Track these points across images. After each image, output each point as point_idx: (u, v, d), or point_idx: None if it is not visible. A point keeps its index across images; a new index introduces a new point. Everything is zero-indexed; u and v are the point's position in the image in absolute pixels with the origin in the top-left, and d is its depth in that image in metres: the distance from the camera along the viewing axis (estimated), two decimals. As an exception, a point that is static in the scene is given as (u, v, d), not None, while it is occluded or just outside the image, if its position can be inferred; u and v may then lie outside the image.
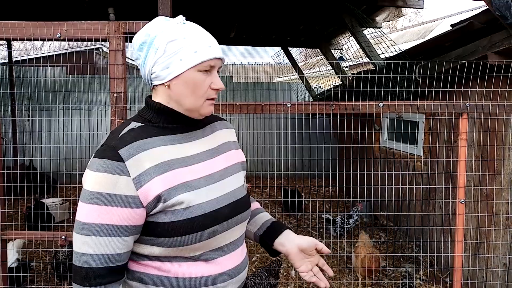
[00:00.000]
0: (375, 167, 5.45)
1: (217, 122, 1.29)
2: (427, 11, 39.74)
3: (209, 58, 1.08)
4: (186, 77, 1.08)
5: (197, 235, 1.05)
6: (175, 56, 1.07)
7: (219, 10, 5.09)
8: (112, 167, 1.00)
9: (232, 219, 1.13)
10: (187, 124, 1.16)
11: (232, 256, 1.16)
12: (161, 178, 1.03)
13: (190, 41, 1.07)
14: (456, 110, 2.41)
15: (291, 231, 1.31)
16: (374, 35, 4.82)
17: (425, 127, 4.33)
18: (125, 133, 1.08)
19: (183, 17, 1.13)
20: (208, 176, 1.13)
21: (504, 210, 3.18)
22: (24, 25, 2.20)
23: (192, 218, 1.04)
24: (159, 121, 1.13)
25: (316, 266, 1.28)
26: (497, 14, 2.60)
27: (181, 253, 1.07)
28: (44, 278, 3.71)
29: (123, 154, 1.01)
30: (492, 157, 3.19)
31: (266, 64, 10.73)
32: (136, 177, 1.01)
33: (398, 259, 4.22)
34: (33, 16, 5.07)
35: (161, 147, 1.08)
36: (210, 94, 1.12)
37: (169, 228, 1.03)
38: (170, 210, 1.03)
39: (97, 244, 0.99)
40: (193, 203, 1.05)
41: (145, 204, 1.02)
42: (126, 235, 1.01)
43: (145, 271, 1.09)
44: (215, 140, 1.23)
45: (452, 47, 3.59)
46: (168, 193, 1.03)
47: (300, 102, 2.45)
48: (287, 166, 8.12)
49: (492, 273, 3.26)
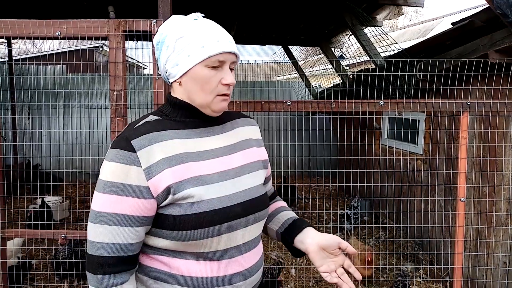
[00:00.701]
0: (375, 165, 5.45)
1: (240, 119, 1.27)
2: (428, 9, 39.69)
3: (216, 53, 1.05)
4: (195, 73, 1.07)
5: (205, 231, 1.03)
6: (183, 52, 1.07)
7: (219, 9, 5.07)
8: (124, 157, 1.01)
9: (245, 218, 1.10)
10: (205, 120, 1.15)
11: (244, 258, 1.12)
12: (172, 170, 1.03)
13: (198, 36, 1.06)
14: (456, 108, 2.41)
15: (313, 229, 1.24)
16: (375, 33, 4.81)
17: (426, 126, 4.33)
18: (140, 125, 1.09)
19: (198, 14, 1.13)
20: (222, 172, 1.11)
21: (504, 208, 3.17)
22: (23, 23, 2.20)
23: (201, 213, 1.02)
24: (176, 115, 1.13)
25: (342, 267, 1.18)
26: (498, 12, 2.59)
27: (189, 248, 1.05)
28: (44, 277, 3.71)
29: (135, 144, 1.02)
30: (493, 156, 3.19)
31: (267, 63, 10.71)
32: (147, 168, 1.01)
33: (399, 258, 4.22)
34: (33, 14, 5.04)
35: (175, 139, 1.08)
36: (220, 90, 1.09)
37: (177, 221, 1.02)
38: (180, 203, 1.03)
39: (108, 233, 1.00)
40: (204, 197, 1.04)
41: (155, 195, 1.02)
42: (137, 225, 1.02)
43: (154, 266, 1.09)
44: (235, 136, 1.20)
45: (452, 45, 3.58)
46: (178, 185, 1.02)
47: (300, 101, 2.44)
48: (288, 165, 8.12)
49: (493, 271, 3.26)
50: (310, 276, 3.85)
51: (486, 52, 2.97)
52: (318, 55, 7.85)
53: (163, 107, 1.17)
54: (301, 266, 4.07)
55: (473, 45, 3.18)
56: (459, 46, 3.41)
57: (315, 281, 3.75)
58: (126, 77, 2.27)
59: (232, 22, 5.90)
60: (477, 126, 3.34)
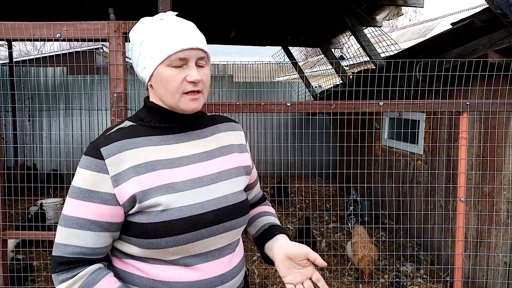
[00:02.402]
0: (375, 166, 5.45)
1: (223, 124, 1.24)
2: (428, 10, 39.71)
3: (175, 51, 1.03)
4: (158, 74, 1.06)
5: (173, 239, 1.02)
6: (147, 54, 1.06)
7: (219, 10, 5.08)
8: (92, 164, 1.02)
9: (218, 225, 1.07)
10: (183, 125, 1.14)
11: (217, 264, 1.10)
12: (140, 178, 1.03)
13: (158, 37, 1.04)
14: (456, 108, 2.41)
15: (284, 236, 1.18)
16: (374, 34, 4.82)
17: (426, 126, 4.33)
18: (113, 132, 1.09)
19: (170, 13, 1.11)
20: (196, 179, 1.09)
21: (504, 208, 3.17)
22: (24, 25, 2.21)
23: (169, 221, 1.01)
24: (151, 120, 1.12)
25: (311, 280, 1.11)
26: (498, 12, 2.60)
27: (158, 255, 1.05)
28: (45, 278, 3.71)
29: (104, 152, 1.03)
30: (493, 156, 3.19)
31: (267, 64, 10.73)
32: (114, 176, 1.02)
33: (399, 258, 4.22)
34: (33, 16, 5.06)
35: (147, 147, 1.07)
36: (186, 88, 1.05)
37: (145, 229, 1.02)
38: (148, 211, 1.02)
39: (71, 235, 1.01)
40: (173, 205, 1.02)
41: (121, 203, 1.02)
42: (100, 230, 1.02)
43: (126, 270, 1.08)
44: (215, 142, 1.18)
45: (452, 45, 3.58)
46: (145, 194, 1.02)
47: (300, 102, 2.45)
48: (288, 166, 8.11)
49: (493, 271, 3.26)
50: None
51: (486, 52, 2.97)
52: (318, 56, 7.85)
53: (140, 111, 1.16)
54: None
55: (473, 45, 3.18)
56: (459, 46, 3.41)
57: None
58: (127, 79, 2.28)
59: (232, 23, 5.91)
60: (477, 126, 3.34)
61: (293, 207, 6.17)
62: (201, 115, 1.20)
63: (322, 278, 1.10)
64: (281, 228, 1.22)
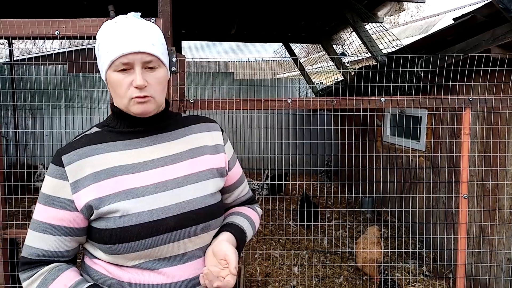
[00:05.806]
0: (377, 162, 5.43)
1: (197, 125, 1.21)
2: (429, 5, 39.55)
3: (116, 56, 1.01)
4: (109, 78, 1.06)
5: (131, 245, 1.01)
6: (100, 59, 1.08)
7: (220, 7, 5.06)
8: (54, 171, 1.06)
9: (181, 230, 1.05)
10: (149, 129, 1.12)
11: (183, 268, 1.07)
12: (98, 185, 1.04)
13: (107, 41, 1.04)
14: (458, 104, 2.39)
15: (227, 234, 1.14)
16: (376, 30, 4.79)
17: (428, 122, 4.31)
18: (77, 139, 1.11)
19: (130, 14, 1.09)
20: (160, 183, 1.07)
21: (507, 205, 3.16)
22: (22, 23, 2.19)
23: (126, 227, 1.01)
24: (116, 125, 1.12)
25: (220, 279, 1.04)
26: (501, 7, 2.57)
27: (119, 261, 1.05)
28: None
29: (64, 159, 1.06)
30: (496, 152, 3.17)
31: (268, 60, 10.70)
32: (73, 182, 1.05)
33: (401, 255, 4.21)
34: (33, 14, 5.05)
35: (109, 153, 1.08)
36: (132, 93, 1.03)
37: (104, 234, 1.03)
38: (106, 217, 1.03)
39: (35, 238, 1.06)
40: (131, 211, 1.02)
41: (79, 209, 1.04)
42: (60, 234, 1.05)
43: (95, 268, 1.10)
44: (184, 144, 1.15)
45: (454, 41, 3.55)
46: (101, 200, 1.03)
47: (301, 98, 2.43)
48: (289, 162, 8.10)
49: (496, 268, 3.24)
50: (313, 274, 3.85)
51: (488, 47, 2.95)
52: (319, 52, 7.82)
53: (108, 116, 1.17)
54: (302, 265, 4.07)
55: (475, 40, 3.16)
56: (461, 42, 3.38)
57: (317, 279, 3.75)
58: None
59: (233, 20, 5.89)
60: (479, 122, 3.31)
61: (294, 205, 6.16)
62: (173, 116, 1.19)
63: None
64: (232, 227, 1.17)
